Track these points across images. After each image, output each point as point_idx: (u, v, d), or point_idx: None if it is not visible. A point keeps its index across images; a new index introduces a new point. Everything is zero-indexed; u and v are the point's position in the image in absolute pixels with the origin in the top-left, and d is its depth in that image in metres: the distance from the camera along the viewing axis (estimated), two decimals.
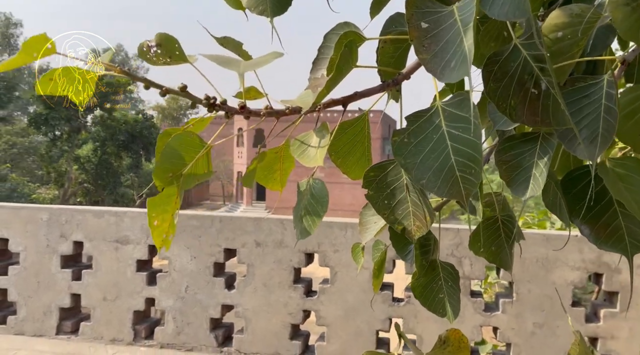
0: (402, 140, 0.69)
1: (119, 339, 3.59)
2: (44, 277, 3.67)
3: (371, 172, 0.78)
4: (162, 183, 0.70)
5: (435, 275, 1.09)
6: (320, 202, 0.76)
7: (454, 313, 1.07)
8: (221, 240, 3.49)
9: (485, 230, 1.04)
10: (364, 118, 0.87)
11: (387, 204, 0.78)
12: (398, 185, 0.77)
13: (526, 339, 3.02)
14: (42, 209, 3.71)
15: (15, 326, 3.68)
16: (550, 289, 3.02)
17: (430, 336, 3.19)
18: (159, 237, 0.72)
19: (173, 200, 0.71)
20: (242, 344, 3.46)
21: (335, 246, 3.35)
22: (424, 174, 0.67)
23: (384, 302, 3.28)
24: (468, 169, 0.64)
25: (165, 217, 0.72)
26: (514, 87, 0.71)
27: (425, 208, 0.76)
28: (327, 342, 3.36)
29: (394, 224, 0.78)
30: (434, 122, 0.67)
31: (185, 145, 0.71)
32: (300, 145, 0.70)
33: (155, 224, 0.71)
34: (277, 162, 0.88)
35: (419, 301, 1.11)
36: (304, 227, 0.78)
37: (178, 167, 0.71)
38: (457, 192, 0.65)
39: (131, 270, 3.59)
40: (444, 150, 0.66)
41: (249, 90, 0.77)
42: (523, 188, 0.80)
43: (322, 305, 3.37)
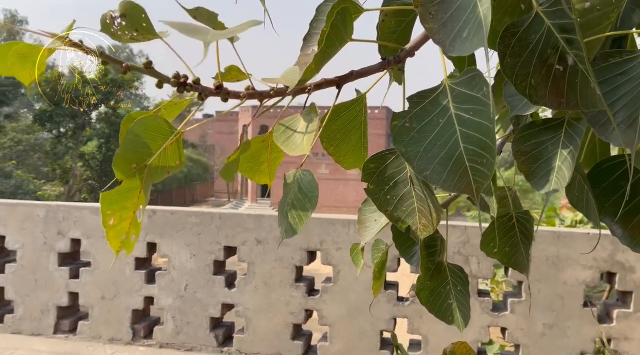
0: (404, 126, 0.59)
1: (118, 339, 3.52)
2: (42, 276, 3.60)
3: (371, 163, 0.68)
4: (124, 175, 0.60)
5: (442, 279, 0.99)
6: (309, 197, 0.66)
7: (464, 321, 0.97)
8: (221, 238, 3.41)
9: (498, 229, 0.94)
10: (361, 101, 0.77)
11: (389, 200, 0.68)
12: (401, 179, 0.68)
13: (536, 340, 2.92)
14: (39, 205, 3.64)
15: (13, 325, 3.61)
16: (561, 288, 2.91)
17: (437, 337, 3.09)
18: (117, 239, 0.63)
19: (135, 195, 0.62)
20: (243, 344, 3.38)
21: (338, 244, 3.26)
22: (428, 164, 0.57)
23: (389, 301, 3.18)
24: (480, 158, 0.54)
25: (125, 215, 0.62)
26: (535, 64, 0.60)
27: (432, 204, 0.66)
28: (330, 342, 3.27)
29: (397, 222, 0.69)
30: (440, 103, 0.57)
31: (152, 131, 0.61)
32: (285, 131, 0.60)
33: (111, 223, 0.62)
34: (264, 153, 0.78)
35: (426, 308, 1.01)
36: (290, 224, 0.68)
37: (143, 157, 0.61)
38: (466, 185, 0.56)
39: (130, 268, 3.51)
40: (451, 136, 0.56)
41: (230, 70, 0.67)
42: (545, 181, 0.70)
43: (324, 305, 3.28)
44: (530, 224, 0.93)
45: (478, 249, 3.01)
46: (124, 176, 0.60)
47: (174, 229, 3.46)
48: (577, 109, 0.62)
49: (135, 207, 0.62)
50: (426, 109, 0.58)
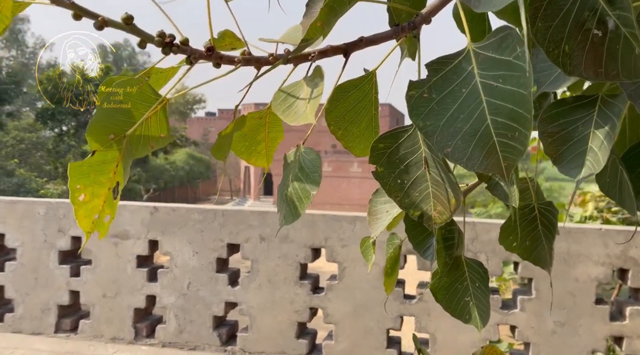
0: (421, 96, 0.52)
1: (120, 338, 3.47)
2: (42, 274, 3.54)
3: (380, 143, 0.62)
4: (100, 146, 0.53)
5: (459, 275, 0.92)
6: (311, 178, 0.59)
7: (482, 320, 0.90)
8: (224, 234, 3.34)
9: (519, 221, 0.87)
10: (370, 78, 0.70)
11: (400, 184, 0.62)
12: (414, 160, 0.61)
13: (546, 338, 2.85)
14: (38, 202, 3.58)
15: (13, 324, 3.56)
16: (572, 285, 2.84)
17: (444, 335, 3.02)
18: (88, 218, 0.55)
19: (110, 168, 0.54)
20: (247, 342, 3.32)
21: (344, 241, 3.19)
22: (449, 140, 0.50)
23: (395, 299, 3.12)
24: (510, 131, 0.48)
25: (98, 190, 0.55)
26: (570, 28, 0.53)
27: (449, 188, 0.59)
28: (335, 340, 3.20)
29: (409, 208, 0.62)
30: (463, 70, 0.51)
31: (133, 97, 0.54)
32: (285, 98, 0.53)
33: (80, 199, 0.54)
34: (262, 131, 0.71)
35: (441, 305, 0.94)
36: (289, 208, 0.61)
37: (122, 127, 0.54)
38: (494, 163, 0.49)
39: (131, 266, 3.45)
40: (476, 107, 0.49)
41: (224, 35, 0.61)
42: (576, 165, 0.63)
43: (329, 303, 3.21)
44: (554, 215, 0.86)
45: (487, 245, 2.94)
46: (100, 147, 0.53)
47: (176, 226, 3.40)
48: (617, 80, 0.55)
49: (111, 182, 0.55)
50: (447, 77, 0.51)
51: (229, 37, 0.60)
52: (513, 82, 0.47)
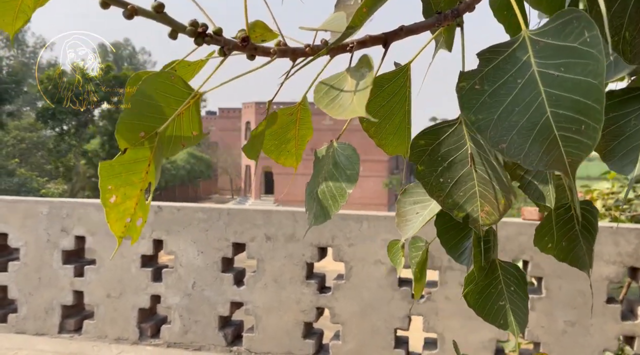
0: (472, 88, 0.48)
1: (124, 338, 3.43)
2: (45, 274, 3.51)
3: (421, 139, 0.58)
4: (129, 145, 0.50)
5: (493, 278, 0.88)
6: (347, 174, 0.56)
7: (520, 325, 0.86)
8: (229, 234, 3.31)
9: (555, 222, 0.83)
10: (405, 72, 0.67)
11: (443, 183, 0.58)
12: (459, 157, 0.57)
13: (557, 337, 2.81)
14: (41, 202, 3.55)
15: (17, 325, 3.53)
16: (582, 284, 2.80)
17: (453, 335, 2.99)
18: (120, 222, 0.51)
19: (142, 168, 0.50)
20: (253, 342, 3.28)
21: (350, 240, 3.15)
22: (503, 135, 0.46)
23: (403, 299, 3.08)
24: (575, 124, 0.44)
25: (130, 192, 0.51)
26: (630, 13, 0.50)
27: (499, 186, 0.55)
28: (342, 341, 3.17)
29: (452, 209, 0.58)
30: (518, 59, 0.47)
31: (164, 91, 0.50)
32: (328, 91, 0.49)
33: (112, 200, 0.50)
34: (292, 128, 0.67)
35: (474, 310, 0.90)
36: (321, 207, 0.57)
37: (153, 124, 0.50)
38: (555, 159, 0.45)
39: (136, 266, 3.42)
40: (534, 99, 0.46)
41: (254, 26, 0.57)
42: (629, 162, 0.59)
43: (336, 302, 3.18)
44: (593, 215, 0.82)
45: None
46: (128, 145, 0.50)
47: (181, 225, 3.36)
48: None
49: (143, 183, 0.52)
50: (500, 67, 0.48)
51: (260, 27, 0.57)
52: (578, 70, 0.43)
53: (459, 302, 2.99)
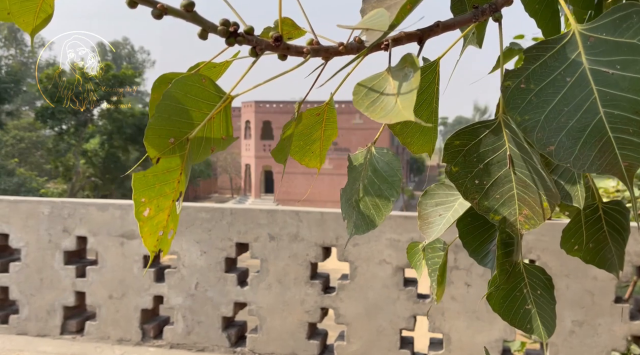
0: (518, 87, 0.45)
1: (127, 339, 3.40)
2: (47, 274, 3.48)
3: (456, 140, 0.55)
4: (159, 152, 0.47)
5: (518, 281, 0.85)
6: (389, 181, 0.53)
7: (547, 330, 0.83)
8: (233, 233, 3.28)
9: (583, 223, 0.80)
10: (433, 69, 0.64)
11: (478, 185, 0.55)
12: (496, 158, 0.54)
13: (564, 337, 2.79)
14: (43, 202, 3.51)
15: (18, 326, 3.50)
16: (590, 284, 2.78)
17: (459, 335, 2.96)
18: (153, 235, 0.49)
19: (174, 177, 0.48)
20: (257, 343, 3.26)
21: (355, 239, 3.13)
22: (552, 136, 0.44)
23: (408, 299, 3.05)
24: (633, 126, 0.41)
25: (163, 203, 0.48)
26: None
27: (542, 189, 0.53)
28: (347, 341, 3.14)
29: (487, 212, 0.55)
30: (567, 57, 0.44)
31: (194, 95, 0.48)
32: (367, 93, 0.46)
33: (145, 214, 0.48)
34: (318, 129, 0.65)
35: (499, 315, 0.87)
36: (363, 217, 0.55)
37: (183, 129, 0.48)
38: (609, 162, 0.42)
39: (138, 266, 3.39)
40: (585, 99, 0.43)
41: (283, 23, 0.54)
42: None
43: (341, 303, 3.15)
44: (624, 216, 0.79)
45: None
46: (159, 153, 0.47)
47: (183, 225, 3.33)
48: None
49: (175, 193, 0.49)
50: (547, 65, 0.45)
51: (287, 25, 0.54)
52: (637, 68, 0.40)
53: (465, 302, 2.96)
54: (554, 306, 0.86)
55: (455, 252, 2.97)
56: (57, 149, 23.18)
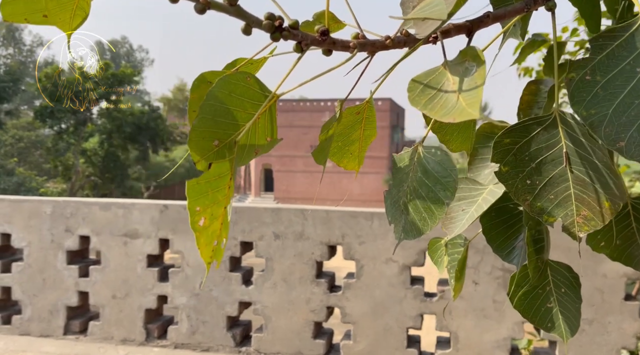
0: (582, 79, 0.42)
1: (130, 339, 3.37)
2: (50, 274, 3.45)
3: (506, 137, 0.52)
4: (203, 156, 0.44)
5: (542, 279, 0.82)
6: (442, 183, 0.50)
7: (570, 329, 0.81)
8: (237, 232, 3.25)
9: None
10: None
11: (530, 185, 0.52)
12: (550, 156, 0.51)
13: (574, 336, 2.76)
14: (45, 201, 3.48)
15: (21, 326, 3.47)
16: (600, 281, 2.75)
17: (467, 334, 2.94)
18: (208, 246, 0.46)
19: (225, 184, 0.45)
20: (262, 343, 3.23)
21: (361, 237, 3.10)
22: (621, 132, 0.41)
23: (415, 297, 3.03)
24: None
25: (216, 211, 0.46)
26: None
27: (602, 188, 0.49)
28: (354, 340, 3.12)
29: (541, 214, 0.52)
30: (636, 46, 0.41)
31: (239, 94, 0.44)
32: (424, 89, 0.43)
33: (201, 223, 0.45)
34: (357, 128, 0.62)
35: (519, 312, 0.84)
36: (413, 221, 0.52)
37: (228, 131, 0.45)
38: None
39: (141, 266, 3.36)
40: None
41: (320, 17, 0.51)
42: None
43: (347, 302, 3.12)
44: None
45: None
46: (203, 157, 0.44)
47: (187, 224, 3.28)
48: None
49: (227, 200, 0.46)
50: (614, 55, 0.41)
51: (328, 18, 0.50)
52: None
53: (473, 301, 2.94)
54: (579, 305, 0.83)
55: None
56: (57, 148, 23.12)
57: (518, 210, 0.81)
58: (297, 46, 0.45)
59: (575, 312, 0.81)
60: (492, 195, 0.74)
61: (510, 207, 0.81)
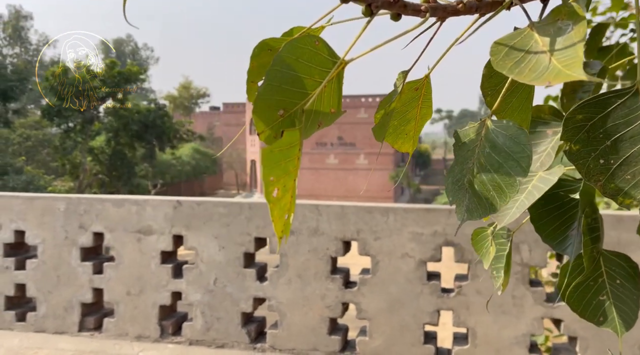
0: None
1: (145, 336, 3.37)
2: (64, 271, 3.44)
3: (578, 113, 0.49)
4: (268, 126, 0.41)
5: (594, 271, 0.79)
6: (514, 159, 0.46)
7: (626, 323, 0.77)
8: (251, 228, 3.23)
9: None
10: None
11: (604, 165, 0.49)
12: (629, 133, 0.48)
13: (595, 331, 2.72)
14: (58, 198, 3.47)
15: (36, 323, 3.47)
16: None
17: (485, 330, 2.90)
18: (281, 219, 0.43)
19: (295, 154, 0.42)
20: (277, 339, 3.21)
21: (377, 233, 3.07)
22: None
23: (432, 293, 3.00)
24: None
25: (288, 183, 0.43)
26: None
27: None
28: (370, 337, 3.09)
29: (615, 195, 0.49)
30: None
31: (306, 60, 0.42)
32: (509, 52, 0.40)
33: (274, 194, 0.42)
34: (415, 106, 0.58)
35: (568, 305, 0.81)
36: (480, 199, 0.48)
37: (294, 99, 0.42)
38: None
39: (155, 262, 3.35)
40: None
41: None
42: None
43: (363, 298, 3.10)
44: None
45: (529, 235, 2.81)
46: (267, 127, 0.41)
47: (201, 220, 3.29)
48: None
49: (296, 171, 0.43)
50: None
51: None
52: None
53: (492, 296, 2.90)
54: (637, 297, 0.79)
55: None
56: (64, 146, 23.21)
57: (569, 198, 0.78)
58: (367, 9, 0.42)
59: (633, 304, 0.77)
60: (543, 182, 0.70)
61: (561, 194, 0.78)
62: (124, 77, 22.28)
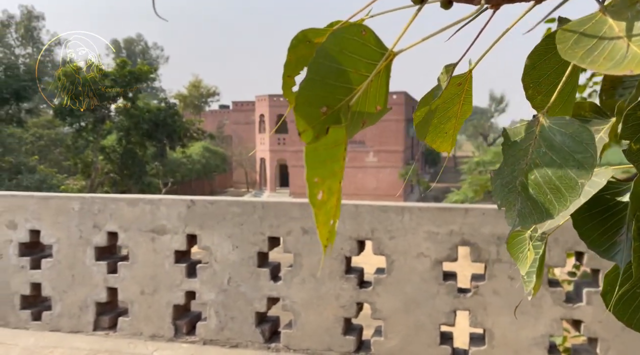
0: None
1: (159, 335, 3.37)
2: (79, 271, 3.45)
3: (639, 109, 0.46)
4: (310, 125, 0.38)
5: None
6: (577, 160, 0.42)
7: None
8: (265, 227, 3.21)
9: None
10: None
11: None
12: None
13: (616, 333, 2.67)
14: (73, 198, 3.48)
15: (51, 322, 3.49)
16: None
17: (503, 331, 2.86)
18: (326, 225, 0.40)
19: (340, 153, 0.38)
20: (291, 339, 3.19)
21: (392, 232, 3.03)
22: None
23: (448, 293, 2.96)
24: None
25: (333, 185, 0.39)
26: None
27: None
28: (385, 337, 3.06)
29: None
30: None
31: (352, 51, 0.38)
32: (578, 39, 0.37)
33: (319, 197, 0.38)
34: (456, 103, 0.55)
35: (613, 313, 0.77)
36: (535, 203, 0.44)
37: (338, 95, 0.38)
38: None
39: (169, 261, 3.34)
40: None
41: None
42: None
43: (378, 297, 3.07)
44: None
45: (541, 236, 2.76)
46: (309, 125, 0.38)
47: (214, 220, 3.27)
48: None
49: (342, 172, 0.40)
50: None
51: None
52: None
53: (509, 297, 2.86)
54: None
55: (497, 245, 2.87)
56: (76, 145, 23.39)
57: (616, 201, 0.74)
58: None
59: None
60: (592, 186, 0.67)
61: (607, 197, 0.74)
62: (134, 76, 22.38)
